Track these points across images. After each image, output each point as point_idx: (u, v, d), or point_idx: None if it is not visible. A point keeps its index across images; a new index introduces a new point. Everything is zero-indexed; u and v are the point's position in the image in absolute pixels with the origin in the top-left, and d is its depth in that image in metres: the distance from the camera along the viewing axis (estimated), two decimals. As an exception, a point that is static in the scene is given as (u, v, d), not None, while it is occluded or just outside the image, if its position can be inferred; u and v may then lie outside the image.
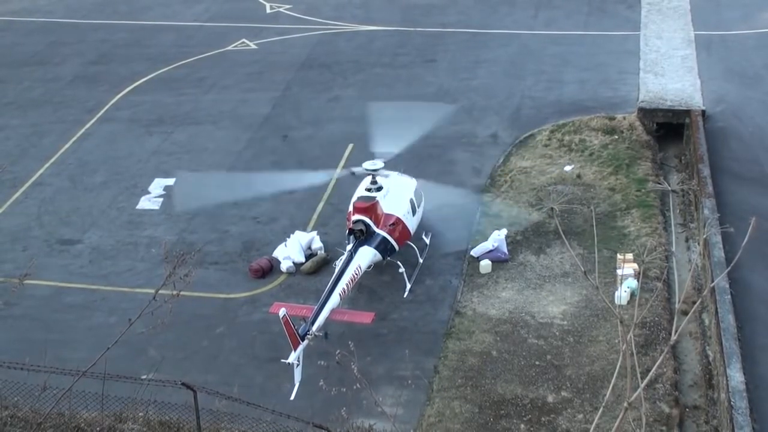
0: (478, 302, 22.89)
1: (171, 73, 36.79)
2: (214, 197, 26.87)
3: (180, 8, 43.66)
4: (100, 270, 25.08)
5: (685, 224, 25.98)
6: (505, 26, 39.33)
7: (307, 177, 25.09)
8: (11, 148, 31.69)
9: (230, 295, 23.77)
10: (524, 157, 29.16)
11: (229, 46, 38.98)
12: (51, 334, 22.26)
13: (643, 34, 37.01)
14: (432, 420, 19.28)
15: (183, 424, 17.21)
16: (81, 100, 34.91)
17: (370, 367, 20.22)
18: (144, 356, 20.93)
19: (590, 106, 31.81)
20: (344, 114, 32.72)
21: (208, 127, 32.21)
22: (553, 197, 26.08)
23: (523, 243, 24.98)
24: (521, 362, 20.79)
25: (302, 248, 24.81)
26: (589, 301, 22.53)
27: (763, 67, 33.78)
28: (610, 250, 24.16)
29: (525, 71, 35.03)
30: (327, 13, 41.96)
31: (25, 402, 16.94)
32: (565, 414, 19.26)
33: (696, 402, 19.90)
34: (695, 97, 31.15)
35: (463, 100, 32.85)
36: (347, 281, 21.34)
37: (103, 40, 40.39)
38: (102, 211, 27.77)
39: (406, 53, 37.39)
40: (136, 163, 30.23)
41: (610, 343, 21.07)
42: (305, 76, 35.81)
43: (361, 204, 22.85)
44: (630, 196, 26.59)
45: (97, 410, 17.14)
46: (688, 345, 21.65)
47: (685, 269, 24.19)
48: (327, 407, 17.89)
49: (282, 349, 19.75)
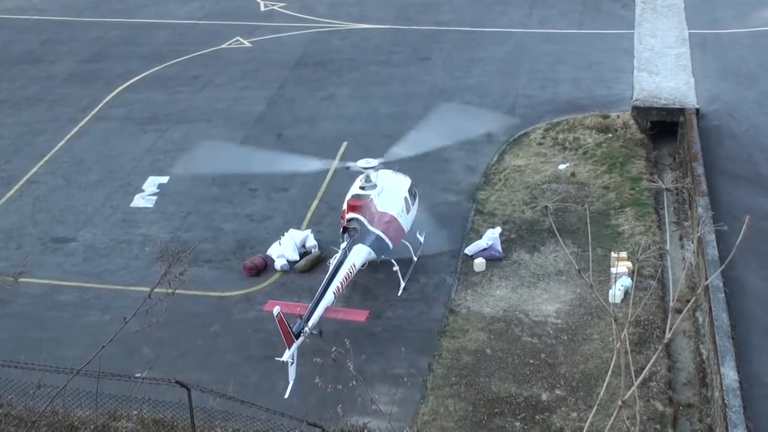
0: (472, 300, 22.91)
1: (165, 71, 36.74)
2: (221, 167, 26.97)
3: (174, 6, 43.58)
4: (94, 268, 25.05)
5: (679, 223, 26.03)
6: (499, 25, 39.34)
7: (304, 162, 25.09)
8: (5, 146, 31.62)
9: (224, 294, 23.75)
10: (518, 156, 29.17)
11: (224, 45, 38.94)
12: (45, 333, 22.28)
13: (637, 33, 37.05)
14: (426, 418, 19.29)
15: (177, 423, 17.22)
16: (75, 98, 34.84)
17: (364, 365, 20.17)
18: (138, 354, 20.87)
19: (584, 104, 31.84)
20: (339, 112, 32.73)
21: (202, 126, 32.18)
22: (548, 195, 26.10)
23: (518, 241, 25.00)
24: (515, 360, 20.81)
25: (296, 246, 24.82)
26: (583, 300, 22.57)
27: (757, 65, 33.84)
28: (604, 248, 24.20)
29: (519, 70, 35.05)
30: (321, 12, 41.93)
31: (20, 400, 16.92)
32: (559, 412, 19.29)
33: (690, 400, 19.94)
34: (689, 95, 31.19)
35: (458, 99, 32.82)
36: (342, 279, 21.34)
37: (97, 38, 40.33)
38: (96, 209, 27.74)
39: (400, 51, 37.39)
40: (130, 161, 30.19)
41: (604, 341, 21.10)
42: (300, 75, 35.79)
43: (355, 202, 22.84)
44: (624, 195, 26.62)
45: (91, 408, 17.12)
46: (682, 343, 21.71)
47: (679, 267, 24.21)
48: (321, 405, 17.95)
49: (276, 347, 19.76)
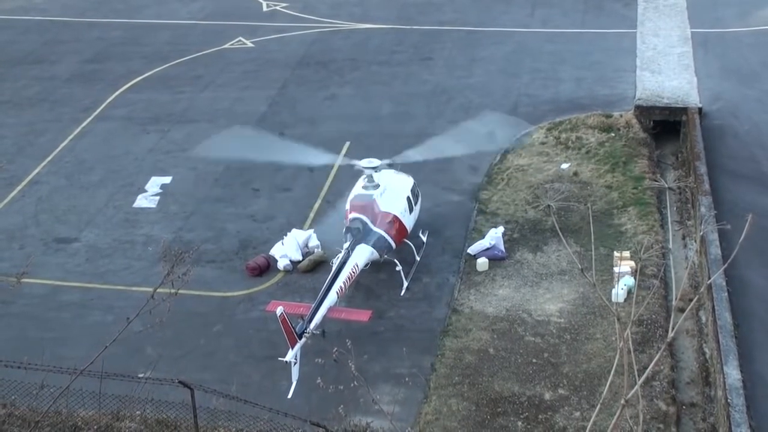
0: (475, 300, 22.90)
1: (167, 72, 36.75)
2: (237, 153, 26.99)
3: (176, 6, 43.62)
4: (96, 268, 25.05)
5: (682, 222, 26.01)
6: (501, 24, 39.33)
7: (312, 155, 25.13)
8: (8, 146, 31.64)
9: (227, 294, 23.75)
10: (521, 155, 29.16)
11: (226, 45, 38.95)
12: (48, 333, 22.30)
13: (639, 32, 37.03)
14: (429, 418, 19.28)
15: (180, 423, 17.22)
16: (77, 98, 34.86)
17: (367, 365, 20.13)
18: (141, 354, 20.90)
19: (587, 103, 31.82)
20: (341, 112, 32.72)
21: (204, 126, 32.13)
22: (550, 195, 26.07)
23: (520, 241, 24.99)
24: (518, 360, 20.80)
25: (299, 246, 24.82)
26: (586, 299, 22.55)
27: (759, 64, 33.81)
28: (606, 247, 24.18)
29: (521, 69, 35.03)
30: (323, 12, 41.94)
31: (23, 400, 16.95)
32: (562, 411, 19.27)
33: (693, 399, 19.92)
34: (692, 94, 31.17)
35: (460, 98, 32.84)
36: (344, 279, 21.34)
37: (99, 39, 40.36)
38: (98, 209, 27.75)
39: (402, 51, 37.38)
40: (132, 162, 30.20)
41: (607, 340, 21.08)
42: (302, 75, 35.79)
43: (358, 202, 22.84)
44: (627, 194, 26.60)
45: (94, 408, 17.15)
46: (685, 342, 21.67)
47: (681, 267, 24.20)
48: (324, 405, 17.94)
49: (279, 347, 19.77)
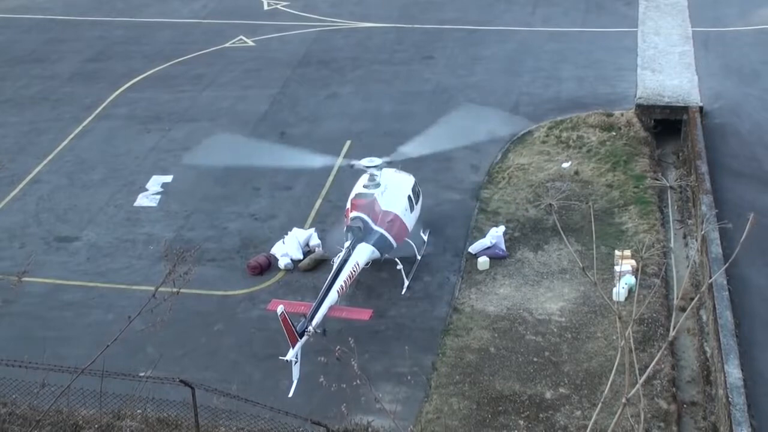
0: (476, 299, 22.90)
1: (168, 71, 36.74)
2: (229, 160, 27.14)
3: (177, 5, 43.58)
4: (97, 267, 25.06)
5: (683, 221, 26.00)
6: (502, 23, 39.31)
7: (309, 157, 25.14)
8: (9, 145, 31.63)
9: (228, 292, 23.75)
10: (522, 154, 29.15)
11: (227, 44, 38.94)
12: (49, 332, 22.28)
13: (640, 31, 37.00)
14: (430, 416, 19.30)
15: (181, 422, 17.24)
16: (78, 97, 34.85)
17: (368, 363, 20.17)
18: (142, 353, 20.90)
19: (588, 102, 31.80)
20: (342, 111, 32.71)
21: (205, 125, 32.14)
22: (551, 194, 26.05)
23: (521, 240, 24.99)
24: (519, 359, 20.81)
25: (300, 245, 24.83)
26: (587, 298, 22.55)
27: (760, 63, 33.78)
28: (608, 246, 24.19)
29: (523, 68, 35.02)
30: (324, 10, 41.91)
31: (24, 399, 16.97)
32: (563, 410, 19.28)
33: (694, 398, 19.93)
34: (693, 93, 31.14)
35: (461, 97, 32.81)
36: (345, 278, 21.35)
37: (101, 38, 40.33)
38: (100, 208, 27.75)
39: (403, 50, 37.36)
40: (133, 161, 30.20)
41: (608, 339, 21.09)
42: (303, 73, 35.78)
43: (359, 201, 22.84)
44: (628, 193, 26.60)
45: (95, 407, 17.16)
46: (686, 341, 21.68)
47: (683, 266, 24.21)
48: (325, 404, 17.98)
49: (280, 346, 19.77)
